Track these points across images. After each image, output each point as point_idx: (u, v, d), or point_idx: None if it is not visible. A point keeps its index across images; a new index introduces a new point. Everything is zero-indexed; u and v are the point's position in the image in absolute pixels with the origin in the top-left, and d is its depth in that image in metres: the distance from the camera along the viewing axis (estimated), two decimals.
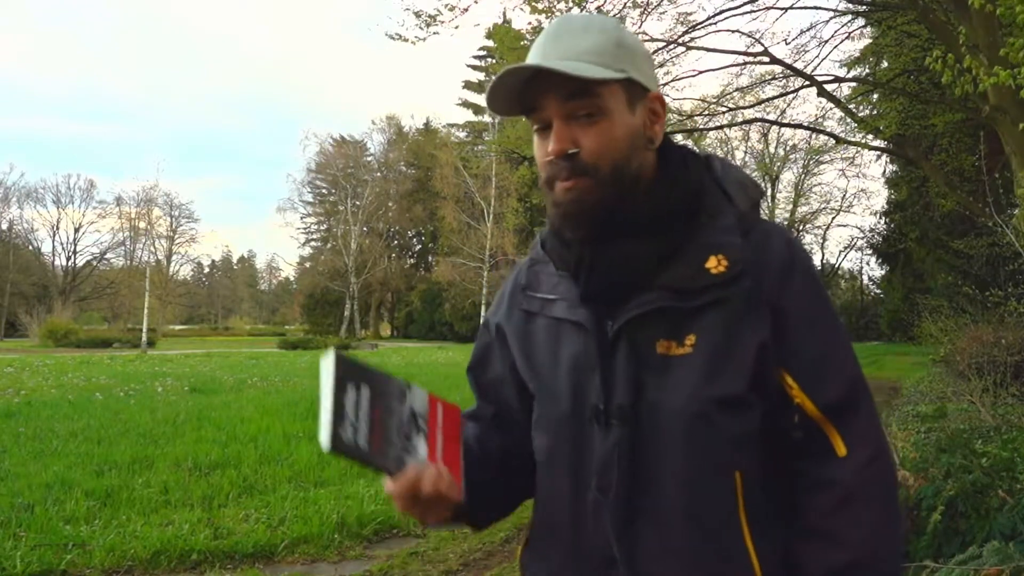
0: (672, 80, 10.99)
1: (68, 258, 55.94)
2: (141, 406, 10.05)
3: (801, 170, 39.53)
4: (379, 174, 52.26)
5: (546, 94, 0.98)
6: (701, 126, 13.08)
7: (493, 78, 0.98)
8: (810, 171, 39.40)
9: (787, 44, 22.60)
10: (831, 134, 15.50)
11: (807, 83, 11.26)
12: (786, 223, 36.07)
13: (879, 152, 16.90)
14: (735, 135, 34.44)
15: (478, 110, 47.92)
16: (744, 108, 13.72)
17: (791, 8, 10.59)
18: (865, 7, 11.18)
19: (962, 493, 3.17)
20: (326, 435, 0.86)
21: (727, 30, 13.16)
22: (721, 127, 16.07)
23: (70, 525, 4.62)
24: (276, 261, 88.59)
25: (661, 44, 10.19)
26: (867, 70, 14.86)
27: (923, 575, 2.75)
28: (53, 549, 4.18)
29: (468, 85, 48.80)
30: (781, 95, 13.16)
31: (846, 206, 40.82)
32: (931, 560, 2.86)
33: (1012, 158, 7.43)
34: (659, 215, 1.00)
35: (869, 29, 13.07)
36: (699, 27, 10.36)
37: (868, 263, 40.76)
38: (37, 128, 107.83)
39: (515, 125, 15.35)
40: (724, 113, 12.61)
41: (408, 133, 53.18)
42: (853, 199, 46.68)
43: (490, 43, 36.83)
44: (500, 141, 23.91)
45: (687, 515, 0.95)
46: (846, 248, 48.74)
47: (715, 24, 10.38)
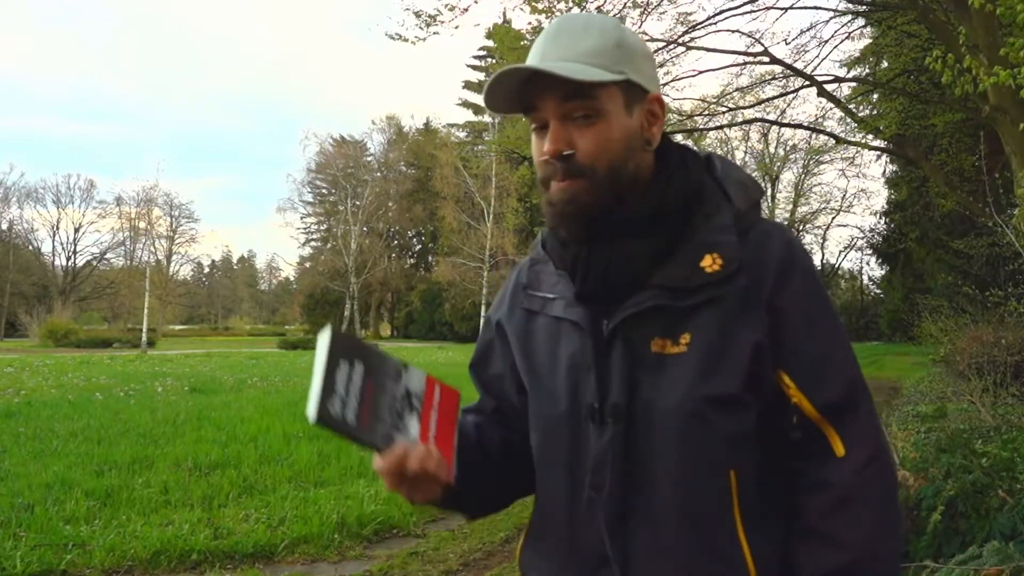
0: (672, 80, 11.02)
1: (68, 258, 56.01)
2: (141, 406, 10.05)
3: (801, 170, 39.60)
4: (379, 174, 52.23)
5: (544, 94, 0.98)
6: (701, 126, 13.09)
7: (490, 78, 0.98)
8: (810, 171, 39.44)
9: (787, 44, 22.66)
10: (831, 134, 15.52)
11: (807, 83, 11.27)
12: (786, 223, 35.99)
13: (879, 152, 16.90)
14: (735, 135, 34.51)
15: (478, 110, 47.89)
16: (744, 108, 13.75)
17: (791, 8, 10.61)
18: (865, 7, 11.19)
19: (962, 493, 3.17)
20: (313, 406, 0.86)
21: (727, 30, 13.19)
22: (721, 127, 16.09)
23: (70, 525, 4.62)
24: (276, 261, 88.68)
25: (661, 44, 10.21)
26: (867, 70, 14.86)
27: (923, 575, 2.75)
28: (53, 549, 4.18)
29: (468, 85, 48.79)
30: (781, 95, 13.17)
31: (846, 206, 40.90)
32: (931, 560, 2.87)
33: (1012, 158, 7.44)
34: (655, 214, 1.00)
35: (869, 29, 13.07)
36: (699, 27, 10.38)
37: (868, 263, 40.84)
38: (37, 128, 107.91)
39: (515, 125, 15.36)
40: (724, 113, 12.62)
41: (408, 133, 53.19)
42: (853, 199, 46.76)
43: (490, 43, 36.81)
44: (500, 141, 23.92)
45: (681, 514, 0.95)
46: (846, 248, 48.81)
47: (715, 24, 10.40)
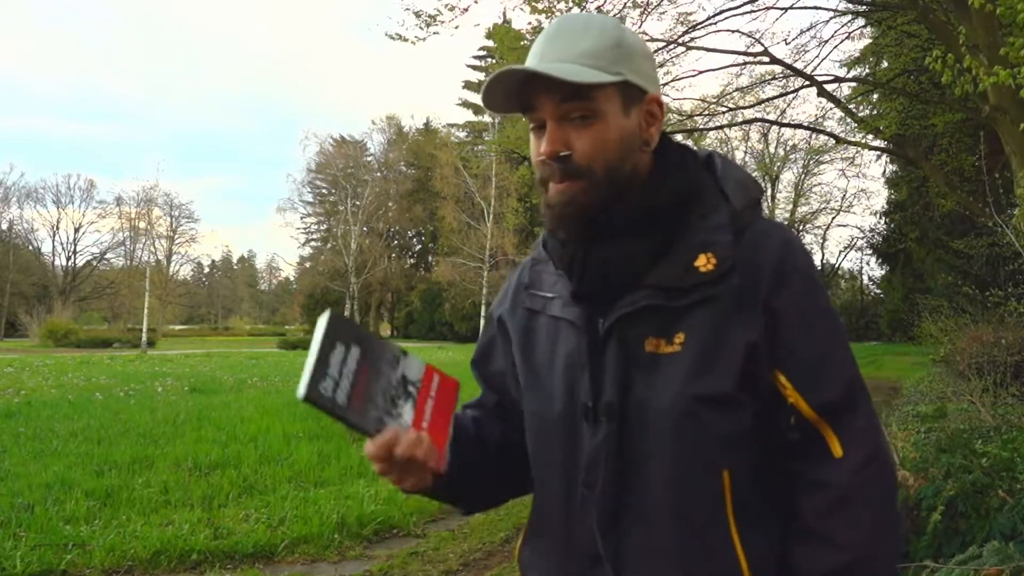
0: (672, 80, 11.03)
1: (68, 258, 56.00)
2: (141, 406, 10.05)
3: (801, 170, 39.54)
4: (379, 174, 52.17)
5: (541, 95, 0.98)
6: (701, 126, 13.09)
7: (488, 78, 0.98)
8: (810, 171, 39.39)
9: (787, 44, 22.69)
10: (831, 134, 15.50)
11: (807, 83, 11.27)
12: (786, 223, 35.97)
13: (879, 152, 16.90)
14: (735, 135, 34.44)
15: (478, 110, 47.87)
16: (744, 108, 13.74)
17: (791, 8, 10.62)
18: (865, 7, 11.19)
19: (962, 493, 3.17)
20: (303, 384, 0.86)
21: (727, 30, 13.19)
22: (721, 127, 16.08)
23: (70, 525, 4.63)
24: (276, 261, 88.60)
25: (661, 44, 10.21)
26: (867, 70, 14.86)
27: (923, 575, 2.75)
28: (53, 549, 4.18)
29: (468, 85, 48.78)
30: (781, 95, 13.18)
31: (846, 206, 40.84)
32: (931, 560, 2.86)
33: (1012, 158, 7.44)
34: (651, 214, 1.00)
35: (869, 29, 13.08)
36: (699, 27, 10.39)
37: (868, 263, 40.78)
38: (37, 128, 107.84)
39: (515, 125, 15.36)
40: (724, 113, 12.63)
41: (408, 133, 53.14)
42: (853, 199, 46.60)
43: (490, 43, 36.78)
44: (500, 141, 23.90)
45: (673, 513, 0.95)
46: (846, 248, 48.73)
47: (715, 24, 10.41)
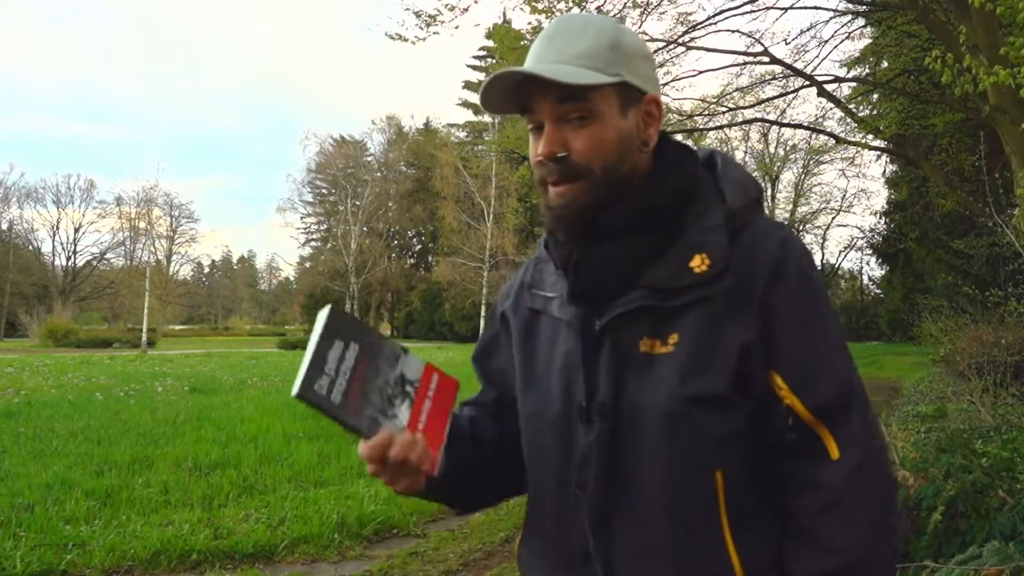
0: (672, 80, 11.03)
1: (68, 258, 56.03)
2: (141, 406, 10.06)
3: (801, 170, 39.54)
4: (379, 174, 52.19)
5: (538, 96, 0.98)
6: (701, 126, 13.09)
7: (485, 79, 0.99)
8: (810, 171, 39.39)
9: (787, 44, 22.56)
10: (831, 134, 15.50)
11: (807, 83, 11.27)
12: (786, 223, 35.97)
13: (879, 152, 16.90)
14: (735, 135, 34.39)
15: (478, 110, 47.80)
16: (744, 108, 13.75)
17: (791, 8, 10.61)
18: (865, 7, 11.19)
19: (962, 493, 3.17)
20: (298, 382, 0.85)
21: (727, 30, 13.12)
22: (721, 127, 16.08)
23: (70, 525, 4.63)
24: (276, 261, 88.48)
25: (661, 44, 10.21)
26: (867, 70, 14.86)
27: (923, 575, 2.75)
28: (53, 549, 4.19)
29: (468, 85, 48.76)
30: (781, 95, 13.18)
31: (846, 206, 40.77)
32: (931, 560, 2.86)
33: (1012, 158, 7.44)
34: (648, 214, 1.00)
35: (869, 29, 13.07)
36: (699, 27, 10.39)
37: (868, 263, 40.73)
38: (37, 128, 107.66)
39: (515, 125, 15.36)
40: (724, 113, 12.63)
41: (408, 133, 53.15)
42: (853, 199, 46.41)
43: (490, 43, 36.76)
44: (500, 141, 23.90)
45: (665, 513, 0.95)
46: (846, 248, 48.57)
47: (715, 24, 10.41)
